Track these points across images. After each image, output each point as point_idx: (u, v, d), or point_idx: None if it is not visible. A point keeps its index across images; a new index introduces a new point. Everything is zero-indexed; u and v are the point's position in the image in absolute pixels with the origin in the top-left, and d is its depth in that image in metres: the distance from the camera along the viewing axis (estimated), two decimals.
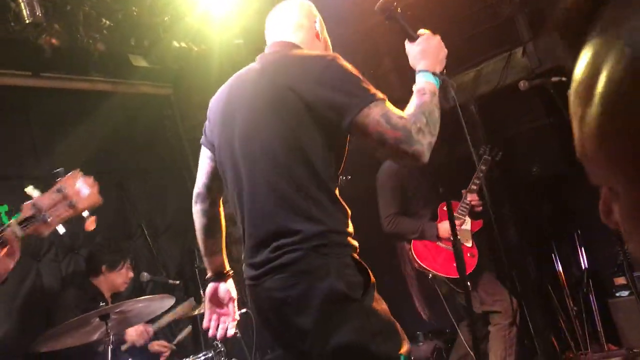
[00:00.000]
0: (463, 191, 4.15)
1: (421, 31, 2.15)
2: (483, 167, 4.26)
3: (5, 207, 4.36)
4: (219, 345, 3.53)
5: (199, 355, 3.56)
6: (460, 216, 4.05)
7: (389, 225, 4.09)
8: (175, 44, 4.90)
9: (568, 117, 0.63)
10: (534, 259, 4.90)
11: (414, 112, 1.89)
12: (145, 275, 4.22)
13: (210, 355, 3.55)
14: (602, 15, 0.58)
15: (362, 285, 1.92)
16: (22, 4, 3.94)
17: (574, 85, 0.60)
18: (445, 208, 4.03)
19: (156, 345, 3.93)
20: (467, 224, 4.13)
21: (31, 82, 4.48)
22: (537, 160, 4.97)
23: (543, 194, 5.04)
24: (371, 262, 2.02)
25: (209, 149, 2.24)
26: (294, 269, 1.90)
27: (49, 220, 1.94)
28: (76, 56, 4.54)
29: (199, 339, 4.30)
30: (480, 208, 4.11)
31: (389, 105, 1.89)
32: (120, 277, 3.96)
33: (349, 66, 1.96)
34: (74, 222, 2.08)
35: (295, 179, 1.93)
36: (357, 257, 1.98)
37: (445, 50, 2.09)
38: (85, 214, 2.01)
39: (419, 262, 3.98)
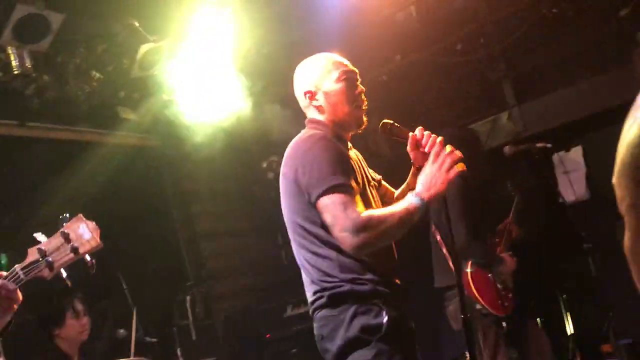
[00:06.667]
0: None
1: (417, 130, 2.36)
2: None
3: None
4: None
5: None
6: None
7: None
8: (165, 96, 4.93)
9: (553, 181, 0.65)
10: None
11: (375, 213, 2.20)
12: (121, 333, 4.11)
13: None
14: None
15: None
16: (11, 55, 3.95)
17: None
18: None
19: None
20: None
21: (17, 131, 4.46)
22: (522, 223, 4.95)
23: (528, 257, 5.00)
24: None
25: None
26: None
27: (52, 264, 1.95)
28: (64, 107, 4.53)
29: None
30: None
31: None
32: (73, 329, 3.70)
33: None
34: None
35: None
36: None
37: (446, 177, 2.24)
38: (87, 257, 2.02)
39: (475, 292, 3.73)
